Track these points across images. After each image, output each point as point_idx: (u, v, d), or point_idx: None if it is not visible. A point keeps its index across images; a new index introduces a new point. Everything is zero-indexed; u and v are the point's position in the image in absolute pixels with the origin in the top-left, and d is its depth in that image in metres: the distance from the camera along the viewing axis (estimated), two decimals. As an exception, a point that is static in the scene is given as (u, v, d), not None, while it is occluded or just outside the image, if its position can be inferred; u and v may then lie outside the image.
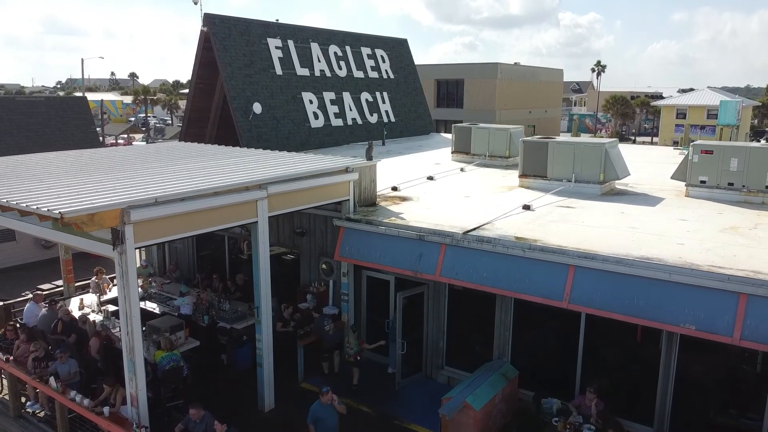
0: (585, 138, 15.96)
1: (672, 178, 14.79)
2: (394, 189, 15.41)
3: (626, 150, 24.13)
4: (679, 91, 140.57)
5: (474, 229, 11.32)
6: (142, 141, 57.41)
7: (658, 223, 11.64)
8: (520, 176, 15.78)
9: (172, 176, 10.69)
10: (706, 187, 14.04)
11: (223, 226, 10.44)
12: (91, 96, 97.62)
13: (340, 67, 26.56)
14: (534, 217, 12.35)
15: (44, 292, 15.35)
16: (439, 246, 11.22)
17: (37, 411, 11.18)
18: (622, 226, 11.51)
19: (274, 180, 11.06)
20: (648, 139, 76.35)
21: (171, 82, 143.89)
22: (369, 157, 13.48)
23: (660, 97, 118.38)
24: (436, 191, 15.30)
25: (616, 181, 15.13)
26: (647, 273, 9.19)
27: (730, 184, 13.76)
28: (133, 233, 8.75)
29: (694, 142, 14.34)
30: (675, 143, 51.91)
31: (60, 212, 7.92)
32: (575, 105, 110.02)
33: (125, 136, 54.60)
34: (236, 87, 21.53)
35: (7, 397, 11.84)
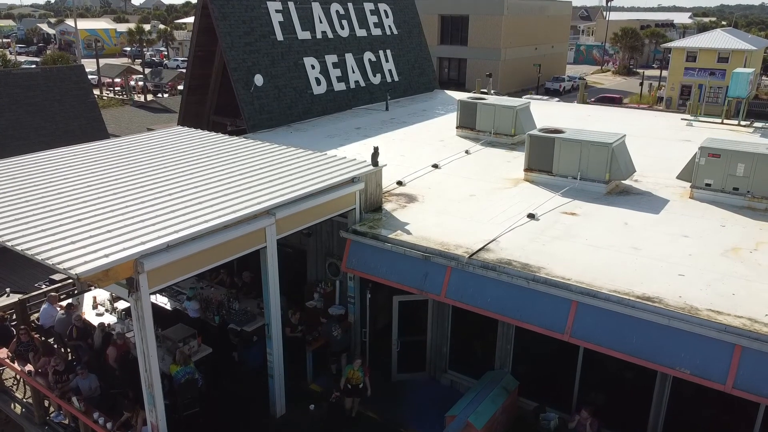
0: (592, 133, 15.79)
1: (678, 178, 14.81)
2: (400, 183, 15.46)
3: (632, 119, 23.98)
4: (690, 17, 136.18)
5: (478, 250, 11.49)
6: (140, 82, 56.36)
7: (661, 243, 11.80)
8: (525, 170, 15.77)
9: (179, 204, 10.63)
10: (711, 190, 14.08)
11: (233, 257, 10.61)
12: (82, 24, 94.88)
13: (342, 27, 25.77)
14: (538, 230, 12.48)
15: (57, 285, 15.75)
16: (444, 267, 11.45)
17: (62, 420, 11.79)
18: (625, 246, 11.68)
19: (282, 203, 11.12)
20: (657, 73, 74.84)
21: (165, 4, 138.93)
22: (374, 163, 13.39)
23: (671, 25, 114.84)
24: (441, 187, 15.29)
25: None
26: (647, 316, 9.47)
27: (735, 189, 13.80)
28: (147, 281, 8.97)
29: (702, 145, 14.23)
30: (682, 92, 50.77)
31: (77, 274, 8.10)
32: (582, 34, 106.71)
33: (121, 78, 53.31)
34: (237, 58, 21.03)
35: (31, 401, 12.48)
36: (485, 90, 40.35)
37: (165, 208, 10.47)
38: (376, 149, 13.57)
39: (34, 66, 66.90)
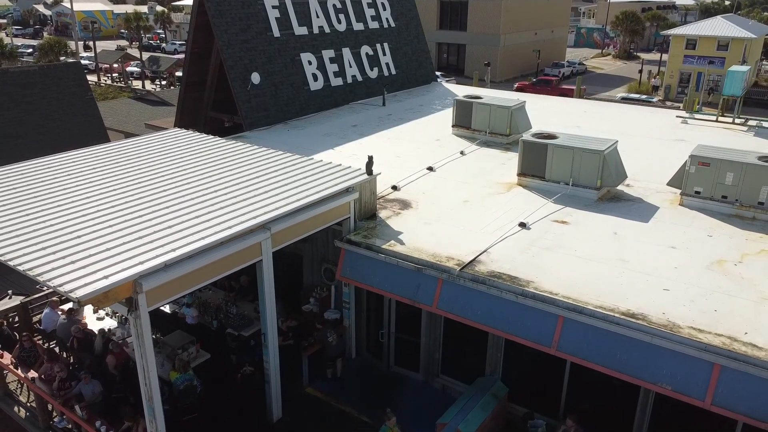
0: (585, 139, 15.92)
1: (668, 184, 15.02)
2: (394, 188, 15.65)
3: (627, 115, 24.06)
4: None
5: (469, 263, 11.76)
6: (136, 68, 56.16)
7: (648, 254, 12.06)
8: (519, 175, 15.97)
9: (176, 220, 10.81)
10: (700, 197, 14.30)
11: (229, 272, 10.89)
12: (79, 6, 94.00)
13: (339, 21, 25.73)
14: (529, 240, 12.72)
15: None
16: (436, 279, 11.72)
17: (66, 426, 12.14)
18: (613, 258, 11.94)
19: (277, 217, 11.35)
20: (657, 57, 74.50)
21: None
22: (369, 172, 13.59)
23: (673, 6, 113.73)
24: (435, 192, 15.48)
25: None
26: (631, 333, 9.77)
27: (724, 197, 14.03)
28: (146, 300, 9.25)
29: (692, 153, 14.42)
30: (681, 80, 50.51)
31: (77, 298, 8.38)
32: (583, 16, 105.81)
33: (118, 64, 53.10)
34: (233, 55, 21.08)
35: (34, 404, 12.83)
36: (484, 79, 40.34)
37: (162, 223, 10.69)
38: (370, 158, 13.75)
39: (30, 50, 66.63)
